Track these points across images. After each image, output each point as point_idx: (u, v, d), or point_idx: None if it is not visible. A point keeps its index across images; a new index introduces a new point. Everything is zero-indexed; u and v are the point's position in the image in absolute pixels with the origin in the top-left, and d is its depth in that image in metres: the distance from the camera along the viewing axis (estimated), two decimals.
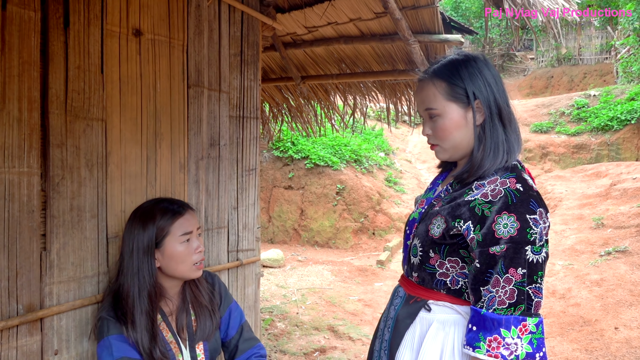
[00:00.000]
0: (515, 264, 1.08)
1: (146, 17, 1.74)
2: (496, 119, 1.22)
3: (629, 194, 6.45)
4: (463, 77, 1.23)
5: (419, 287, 1.30)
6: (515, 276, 1.08)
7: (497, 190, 1.14)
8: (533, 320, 1.08)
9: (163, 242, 1.49)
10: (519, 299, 1.08)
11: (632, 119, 9.98)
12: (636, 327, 3.66)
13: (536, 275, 1.09)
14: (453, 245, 1.20)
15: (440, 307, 1.25)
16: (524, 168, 1.24)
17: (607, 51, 17.12)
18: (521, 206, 1.10)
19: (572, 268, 4.99)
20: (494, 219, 1.11)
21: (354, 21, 3.00)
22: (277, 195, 7.90)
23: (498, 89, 1.23)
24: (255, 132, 2.33)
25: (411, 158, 11.38)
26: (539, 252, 1.09)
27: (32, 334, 1.41)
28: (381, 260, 6.38)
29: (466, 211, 1.17)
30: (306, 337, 3.89)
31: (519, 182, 1.14)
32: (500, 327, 1.07)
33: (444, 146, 1.28)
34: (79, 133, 1.52)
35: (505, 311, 1.08)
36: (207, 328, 1.60)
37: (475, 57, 1.26)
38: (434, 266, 1.24)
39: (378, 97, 4.06)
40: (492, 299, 1.10)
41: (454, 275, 1.22)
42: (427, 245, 1.25)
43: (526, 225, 1.09)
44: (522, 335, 1.06)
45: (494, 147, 1.20)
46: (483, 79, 1.22)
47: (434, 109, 1.25)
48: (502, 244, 1.09)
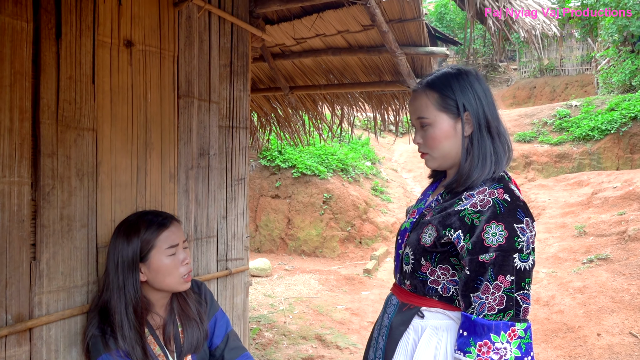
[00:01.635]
0: (504, 271, 1.12)
1: (137, 28, 1.76)
2: (484, 131, 1.26)
3: (609, 203, 6.58)
4: (454, 89, 1.28)
5: (411, 294, 1.33)
6: (504, 283, 1.12)
7: (485, 200, 1.19)
8: (521, 325, 1.12)
9: (149, 255, 1.48)
10: (507, 305, 1.12)
11: (612, 129, 10.20)
12: (618, 333, 3.73)
13: (524, 282, 1.13)
14: (444, 253, 1.24)
15: (433, 313, 1.28)
16: (511, 179, 1.28)
17: (588, 62, 17.49)
18: (509, 215, 1.15)
19: (555, 275, 5.07)
20: (483, 227, 1.15)
21: (342, 33, 3.04)
22: (264, 205, 7.90)
23: (487, 103, 1.28)
24: (245, 141, 2.35)
25: (397, 167, 11.46)
26: (526, 259, 1.14)
27: (21, 344, 1.40)
28: (368, 269, 6.40)
29: (456, 220, 1.21)
30: (294, 347, 3.88)
31: (506, 192, 1.19)
32: (490, 332, 1.11)
33: (433, 155, 1.32)
34: (69, 143, 1.52)
35: (494, 317, 1.12)
36: (194, 340, 1.59)
37: (467, 71, 1.31)
38: (426, 274, 1.28)
39: (365, 107, 4.12)
40: (482, 305, 1.14)
41: (445, 282, 1.25)
42: (418, 253, 1.28)
43: (514, 234, 1.13)
44: (511, 340, 1.10)
45: (482, 158, 1.24)
46: (473, 92, 1.27)
47: (425, 118, 1.30)
48: (491, 252, 1.13)
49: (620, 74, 12.72)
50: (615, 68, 13.18)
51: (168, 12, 1.89)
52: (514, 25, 1.70)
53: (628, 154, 10.00)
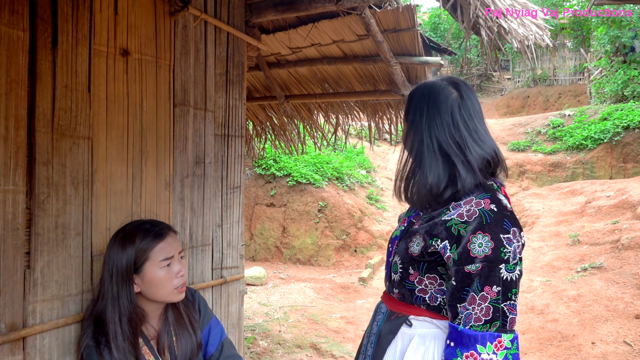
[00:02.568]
0: (490, 282, 1.12)
1: (133, 38, 1.77)
2: (435, 148, 1.26)
3: (603, 211, 6.62)
4: (411, 103, 1.32)
5: (400, 303, 1.34)
6: (491, 294, 1.12)
7: (472, 210, 1.18)
8: (508, 336, 1.12)
9: (143, 267, 1.48)
10: (494, 316, 1.12)
11: (605, 138, 10.28)
12: (612, 341, 3.73)
13: (510, 292, 1.13)
14: (431, 263, 1.24)
15: (421, 322, 1.28)
16: (500, 188, 1.28)
17: (581, 72, 17.66)
18: (495, 226, 1.15)
19: (549, 284, 5.08)
20: (469, 238, 1.15)
21: (337, 43, 3.07)
22: (259, 213, 7.89)
23: (441, 122, 1.26)
24: (240, 150, 2.36)
25: (392, 176, 11.48)
26: (513, 270, 1.14)
27: (15, 353, 1.39)
28: (363, 278, 6.39)
29: (443, 230, 1.21)
30: (289, 355, 3.87)
31: (493, 202, 1.19)
32: (477, 343, 1.11)
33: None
34: (65, 151, 1.53)
35: (481, 328, 1.12)
36: (188, 350, 1.59)
37: (430, 86, 1.31)
38: (414, 283, 1.28)
39: (360, 116, 4.14)
40: (468, 315, 1.14)
41: (433, 291, 1.26)
42: (406, 262, 1.29)
43: (500, 244, 1.13)
44: (498, 351, 1.11)
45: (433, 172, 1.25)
46: (420, 109, 1.29)
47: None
48: (478, 263, 1.13)
49: (612, 84, 12.85)
50: (608, 78, 13.31)
51: (164, 21, 1.91)
52: (507, 36, 1.73)
53: (621, 163, 10.08)
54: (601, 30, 13.26)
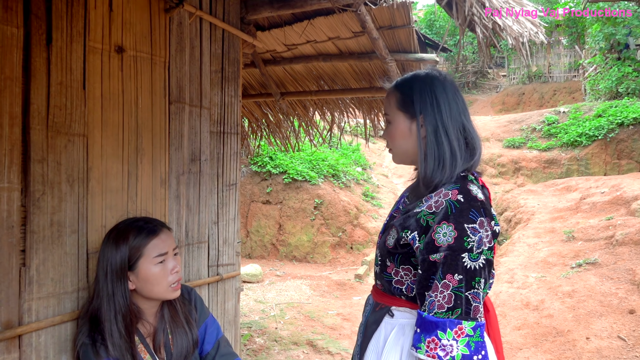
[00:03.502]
0: (452, 270, 1.15)
1: (128, 34, 1.77)
2: (442, 135, 1.28)
3: (597, 208, 6.66)
4: (414, 92, 1.32)
5: (383, 294, 1.39)
6: (452, 282, 1.15)
7: (439, 201, 1.22)
8: (470, 324, 1.14)
9: (137, 264, 1.47)
10: (456, 304, 1.15)
11: (600, 135, 10.32)
12: (606, 337, 3.76)
13: (474, 281, 1.16)
14: (405, 255, 1.29)
15: (402, 313, 1.33)
16: (477, 179, 1.31)
17: (575, 69, 17.71)
18: (460, 216, 1.17)
19: (544, 280, 5.11)
20: (434, 228, 1.19)
21: (333, 40, 3.06)
22: (255, 210, 7.88)
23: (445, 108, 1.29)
24: (236, 147, 2.36)
25: (388, 173, 11.50)
26: (477, 259, 1.16)
27: (10, 351, 1.39)
28: (359, 275, 6.41)
29: (413, 222, 1.25)
30: (285, 352, 3.87)
31: (460, 193, 1.21)
32: (437, 329, 1.14)
33: (394, 151, 1.39)
34: (60, 148, 1.52)
35: (443, 314, 1.15)
36: (183, 348, 1.59)
37: (433, 75, 1.34)
38: (391, 274, 1.33)
39: (355, 113, 4.14)
40: (432, 303, 1.17)
41: (409, 282, 1.30)
42: (384, 254, 1.35)
43: (463, 233, 1.16)
44: (458, 337, 1.13)
45: (439, 161, 1.27)
46: (432, 97, 1.30)
47: (387, 115, 1.38)
48: (441, 252, 1.16)
49: (607, 80, 12.89)
50: (602, 75, 13.35)
51: (159, 18, 1.90)
52: (502, 33, 1.73)
53: (615, 160, 10.12)
54: (596, 28, 13.29)
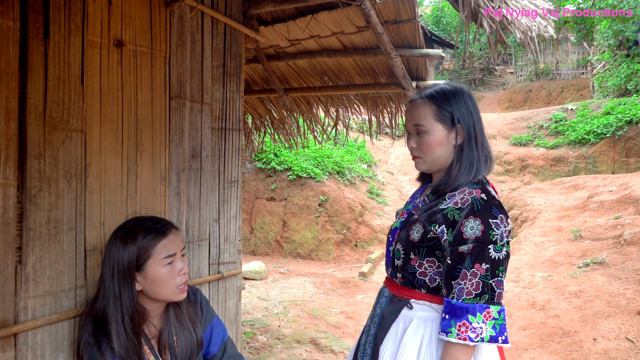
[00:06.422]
0: (480, 260, 1.28)
1: (128, 28, 1.74)
2: (473, 141, 1.44)
3: (605, 206, 6.58)
4: (451, 104, 1.45)
5: (402, 287, 1.48)
6: (480, 270, 1.27)
7: (465, 198, 1.36)
8: (495, 308, 1.27)
9: (145, 265, 1.44)
10: (483, 290, 1.27)
11: (608, 133, 10.22)
12: (614, 338, 3.71)
13: (498, 270, 1.29)
14: (430, 247, 1.39)
15: (421, 306, 1.43)
16: (489, 182, 1.46)
17: (584, 66, 17.55)
18: (485, 212, 1.31)
19: (551, 279, 5.05)
20: (462, 222, 1.32)
21: (337, 35, 3.02)
22: (259, 207, 7.86)
23: (476, 118, 1.46)
24: (238, 144, 2.33)
25: (393, 170, 11.45)
26: (500, 250, 1.29)
27: (5, 349, 1.37)
28: (363, 272, 6.37)
29: (441, 217, 1.37)
30: (288, 351, 3.85)
31: (483, 192, 1.36)
32: (468, 313, 1.26)
33: (425, 159, 1.48)
34: (57, 144, 1.50)
35: (472, 300, 1.27)
36: (188, 349, 1.56)
37: (461, 89, 1.49)
38: (414, 267, 1.42)
39: (360, 110, 4.10)
40: (461, 290, 1.29)
41: (432, 274, 1.40)
42: (408, 248, 1.44)
43: (489, 227, 1.29)
44: (487, 320, 1.26)
45: (469, 164, 1.42)
46: (466, 108, 1.45)
47: (422, 126, 1.46)
48: (469, 243, 1.29)
49: (615, 77, 12.76)
50: (611, 72, 13.21)
51: (159, 12, 1.87)
52: (510, 26, 1.68)
53: (624, 158, 10.02)
54: (605, 24, 13.15)
